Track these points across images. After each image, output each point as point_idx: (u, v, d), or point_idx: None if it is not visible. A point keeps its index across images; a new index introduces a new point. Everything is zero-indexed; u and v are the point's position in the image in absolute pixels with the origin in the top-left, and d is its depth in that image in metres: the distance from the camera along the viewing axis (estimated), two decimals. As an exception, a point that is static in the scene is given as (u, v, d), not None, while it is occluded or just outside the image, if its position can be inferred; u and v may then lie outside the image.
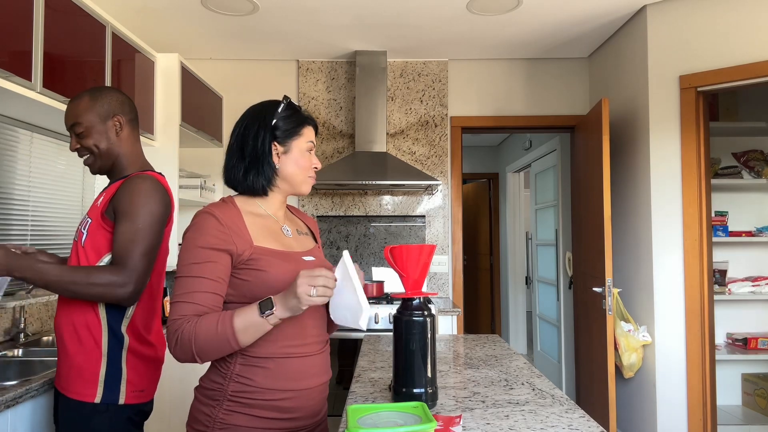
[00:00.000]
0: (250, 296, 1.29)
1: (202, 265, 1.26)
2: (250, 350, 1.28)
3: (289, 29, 3.50)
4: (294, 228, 1.48)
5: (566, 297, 4.45)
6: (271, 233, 1.38)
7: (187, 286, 1.25)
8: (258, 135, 1.37)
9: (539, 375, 1.68)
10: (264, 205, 1.42)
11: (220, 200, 1.39)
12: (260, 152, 1.37)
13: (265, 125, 1.38)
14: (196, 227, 1.30)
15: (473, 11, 3.23)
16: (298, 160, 1.41)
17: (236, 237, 1.29)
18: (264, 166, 1.38)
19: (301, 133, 1.41)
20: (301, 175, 1.42)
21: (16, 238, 2.48)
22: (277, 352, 1.30)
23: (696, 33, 2.99)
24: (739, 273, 3.64)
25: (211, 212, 1.30)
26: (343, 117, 4.06)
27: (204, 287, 1.25)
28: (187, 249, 1.28)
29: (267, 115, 1.39)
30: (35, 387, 1.66)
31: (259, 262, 1.29)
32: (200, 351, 1.20)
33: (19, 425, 1.63)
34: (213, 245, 1.27)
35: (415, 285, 1.34)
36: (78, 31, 2.34)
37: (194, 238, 1.28)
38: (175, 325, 1.23)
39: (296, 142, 1.40)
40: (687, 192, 2.99)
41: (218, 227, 1.29)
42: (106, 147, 1.67)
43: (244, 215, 1.35)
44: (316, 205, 4.03)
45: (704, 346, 2.93)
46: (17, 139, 2.47)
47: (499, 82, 4.11)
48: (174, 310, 1.25)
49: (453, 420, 1.25)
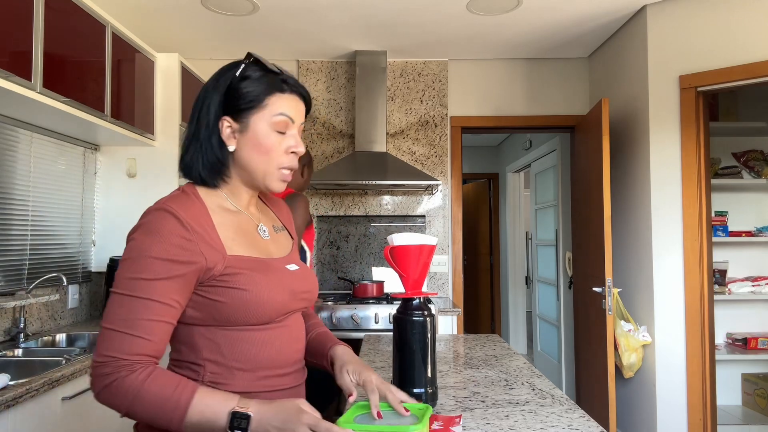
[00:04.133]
0: (222, 320, 1.01)
1: (154, 283, 0.94)
2: (223, 384, 1.02)
3: (289, 29, 3.50)
4: (270, 225, 1.18)
5: (566, 297, 4.45)
6: (245, 235, 1.08)
7: (131, 311, 0.93)
8: (204, 103, 1.05)
9: (539, 375, 1.68)
10: (230, 197, 1.10)
11: (178, 191, 1.06)
12: (202, 126, 1.04)
13: (216, 88, 1.05)
14: (150, 229, 0.96)
15: (473, 11, 3.23)
16: (258, 142, 1.04)
17: (205, 246, 0.98)
18: (205, 146, 1.04)
19: (264, 103, 1.03)
20: (262, 164, 1.05)
21: (16, 238, 2.48)
22: (255, 385, 1.04)
23: (696, 33, 2.99)
24: (739, 273, 3.64)
25: (171, 210, 0.98)
26: (343, 117, 4.06)
27: (153, 313, 0.93)
28: (134, 258, 0.95)
29: (221, 77, 1.06)
30: (35, 387, 1.66)
31: (235, 278, 1.00)
32: (135, 413, 0.92)
33: (20, 425, 1.62)
34: (172, 257, 0.95)
35: (415, 285, 1.34)
36: (78, 31, 2.34)
37: (146, 243, 0.95)
38: (110, 366, 0.91)
39: (258, 116, 1.03)
40: (687, 192, 2.99)
41: (181, 232, 0.96)
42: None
43: (210, 212, 1.04)
44: (316, 205, 4.02)
45: (704, 346, 2.93)
46: (17, 139, 2.47)
47: (499, 82, 4.11)
48: (109, 342, 0.92)
49: (453, 420, 1.25)
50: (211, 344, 1.02)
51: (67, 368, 1.87)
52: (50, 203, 2.73)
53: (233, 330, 1.02)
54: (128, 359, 0.92)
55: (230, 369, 1.02)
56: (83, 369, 1.94)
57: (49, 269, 2.70)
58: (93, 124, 2.52)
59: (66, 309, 2.85)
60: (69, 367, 1.88)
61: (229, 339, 1.02)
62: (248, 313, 1.01)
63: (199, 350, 1.02)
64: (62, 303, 2.81)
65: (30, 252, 2.57)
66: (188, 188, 1.07)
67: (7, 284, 2.42)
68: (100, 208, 3.11)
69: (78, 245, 2.96)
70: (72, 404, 1.89)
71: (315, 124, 4.05)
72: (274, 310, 1.05)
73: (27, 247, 2.55)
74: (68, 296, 2.86)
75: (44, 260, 2.68)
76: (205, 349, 1.02)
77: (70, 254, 2.90)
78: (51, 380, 1.74)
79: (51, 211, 2.73)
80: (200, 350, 1.02)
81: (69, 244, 2.88)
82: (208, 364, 1.02)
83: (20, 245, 2.50)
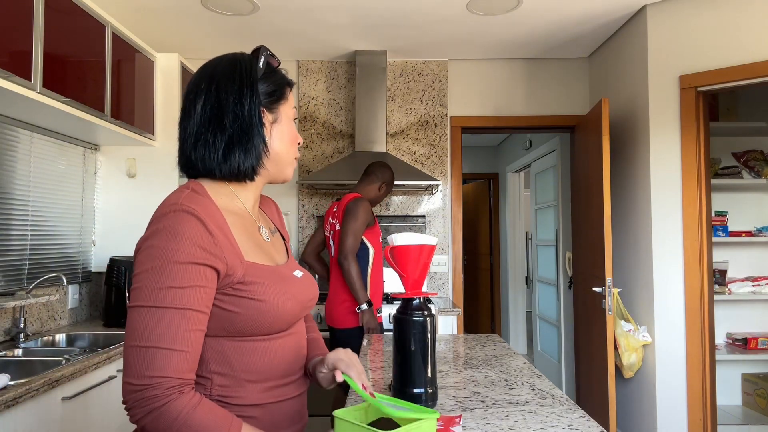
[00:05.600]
0: (233, 331, 0.96)
1: (188, 291, 0.88)
2: (231, 397, 0.98)
3: (289, 29, 3.50)
4: (267, 227, 1.14)
5: (566, 297, 4.45)
6: (253, 239, 1.04)
7: (170, 324, 0.86)
8: (242, 97, 1.01)
9: (539, 375, 1.67)
10: (241, 195, 1.06)
11: (187, 188, 0.99)
12: (248, 122, 1.01)
13: (249, 84, 1.02)
14: (172, 233, 0.89)
15: (473, 11, 3.23)
16: (286, 133, 1.07)
17: (227, 250, 0.94)
18: (255, 140, 1.02)
19: (287, 96, 1.09)
20: (289, 154, 1.09)
21: (16, 238, 2.48)
22: (264, 396, 1.01)
23: (696, 33, 2.99)
24: (739, 273, 3.64)
25: (191, 210, 0.91)
26: (343, 117, 4.06)
27: (193, 324, 0.88)
28: (159, 266, 0.88)
29: (245, 71, 1.03)
30: (35, 387, 1.66)
31: (252, 287, 0.95)
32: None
33: (20, 425, 1.62)
34: (200, 260, 0.89)
35: (415, 285, 1.34)
36: (78, 31, 2.34)
37: (170, 249, 0.88)
38: (159, 388, 0.85)
39: (284, 108, 1.08)
40: (687, 192, 2.99)
41: (204, 233, 0.91)
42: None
43: (224, 213, 0.99)
44: (316, 205, 4.02)
45: (704, 346, 2.93)
46: (17, 139, 2.47)
47: (499, 82, 4.11)
48: (152, 361, 0.85)
49: (453, 420, 1.25)
50: (219, 356, 0.97)
51: (67, 368, 1.87)
52: (50, 203, 2.73)
53: (243, 341, 0.98)
54: (179, 378, 0.86)
55: (240, 381, 0.98)
56: (83, 369, 1.94)
57: (49, 269, 2.70)
58: (93, 124, 2.52)
59: (66, 309, 2.85)
60: (69, 367, 1.88)
61: (238, 350, 0.98)
62: (261, 324, 0.97)
63: (206, 362, 0.97)
64: (62, 303, 2.81)
65: (30, 252, 2.57)
66: (197, 187, 1.00)
67: (7, 284, 2.42)
68: (100, 208, 3.11)
69: (78, 245, 2.96)
70: (72, 404, 1.89)
71: (315, 124, 4.05)
72: (286, 321, 1.02)
73: (27, 247, 2.55)
74: (68, 296, 2.86)
75: (44, 260, 2.68)
76: (212, 361, 0.97)
77: (70, 254, 2.90)
78: (51, 380, 1.74)
79: (51, 211, 2.73)
80: (207, 362, 0.97)
81: (69, 244, 2.88)
82: (215, 377, 0.97)
83: (20, 245, 2.50)
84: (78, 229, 2.96)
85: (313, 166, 4.01)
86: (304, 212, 4.01)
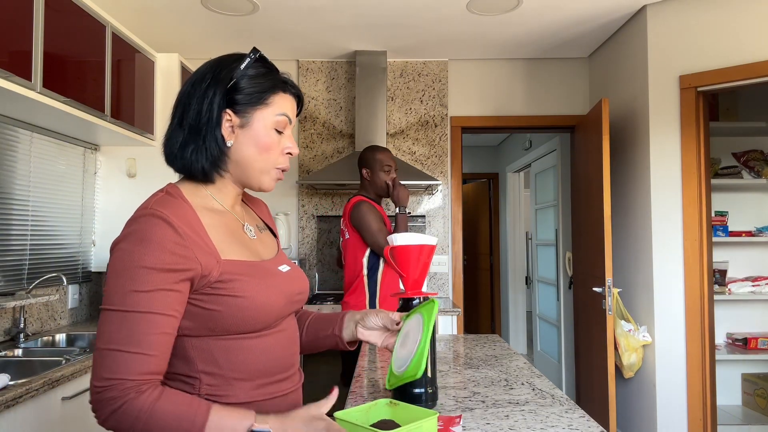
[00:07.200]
0: (217, 329, 0.97)
1: (152, 294, 0.89)
2: (221, 396, 0.98)
3: (289, 29, 3.50)
4: (254, 224, 1.14)
5: (566, 297, 4.45)
6: (235, 237, 1.05)
7: (133, 327, 0.87)
8: (206, 95, 1.00)
9: (539, 375, 1.67)
10: (217, 196, 1.06)
11: (162, 192, 1.01)
12: (204, 119, 1.00)
13: (217, 82, 1.01)
14: (140, 237, 0.91)
15: (473, 11, 3.23)
16: (259, 140, 1.02)
17: (199, 251, 0.94)
18: (207, 139, 1.00)
19: (268, 101, 1.03)
20: (260, 162, 1.03)
21: (16, 238, 2.48)
22: (254, 394, 1.01)
23: (696, 33, 2.99)
24: (739, 273, 3.64)
25: (161, 214, 0.93)
26: (343, 117, 4.06)
27: (156, 327, 0.89)
28: (125, 269, 0.89)
29: (224, 69, 1.02)
30: (35, 387, 1.66)
31: (230, 285, 0.96)
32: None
33: (20, 425, 1.62)
34: (168, 265, 0.90)
35: (415, 285, 1.34)
36: (78, 31, 2.34)
37: (137, 253, 0.89)
38: (116, 390, 0.86)
39: (261, 114, 1.02)
40: (687, 192, 2.99)
41: (174, 238, 0.92)
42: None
43: (198, 213, 1.00)
44: (316, 205, 4.02)
45: (704, 346, 2.93)
46: (17, 139, 2.47)
47: (499, 82, 4.11)
48: (111, 363, 0.86)
49: (453, 420, 1.25)
50: (205, 355, 0.97)
51: (67, 368, 1.87)
52: (50, 203, 2.72)
53: (229, 339, 0.98)
54: (135, 380, 0.87)
55: (228, 380, 0.98)
56: (83, 369, 1.94)
57: (49, 269, 2.70)
58: (93, 124, 2.52)
59: (66, 309, 2.85)
60: (69, 367, 1.88)
61: (224, 349, 0.98)
62: (245, 321, 0.97)
63: (193, 362, 0.97)
64: (62, 303, 2.81)
65: (30, 252, 2.57)
66: (172, 189, 1.02)
67: (7, 284, 2.42)
68: (100, 208, 3.11)
69: (78, 245, 2.96)
70: (72, 404, 1.89)
71: (315, 124, 4.05)
72: (270, 316, 1.01)
73: (27, 247, 2.55)
74: (68, 296, 2.86)
75: (44, 260, 2.68)
76: (199, 360, 0.97)
77: (70, 254, 2.90)
78: (51, 380, 1.74)
79: (51, 211, 2.73)
80: (194, 362, 0.97)
81: (69, 244, 2.88)
82: (203, 377, 0.97)
83: (20, 245, 2.50)
84: (78, 229, 2.96)
85: (313, 166, 4.01)
86: (304, 212, 4.01)
